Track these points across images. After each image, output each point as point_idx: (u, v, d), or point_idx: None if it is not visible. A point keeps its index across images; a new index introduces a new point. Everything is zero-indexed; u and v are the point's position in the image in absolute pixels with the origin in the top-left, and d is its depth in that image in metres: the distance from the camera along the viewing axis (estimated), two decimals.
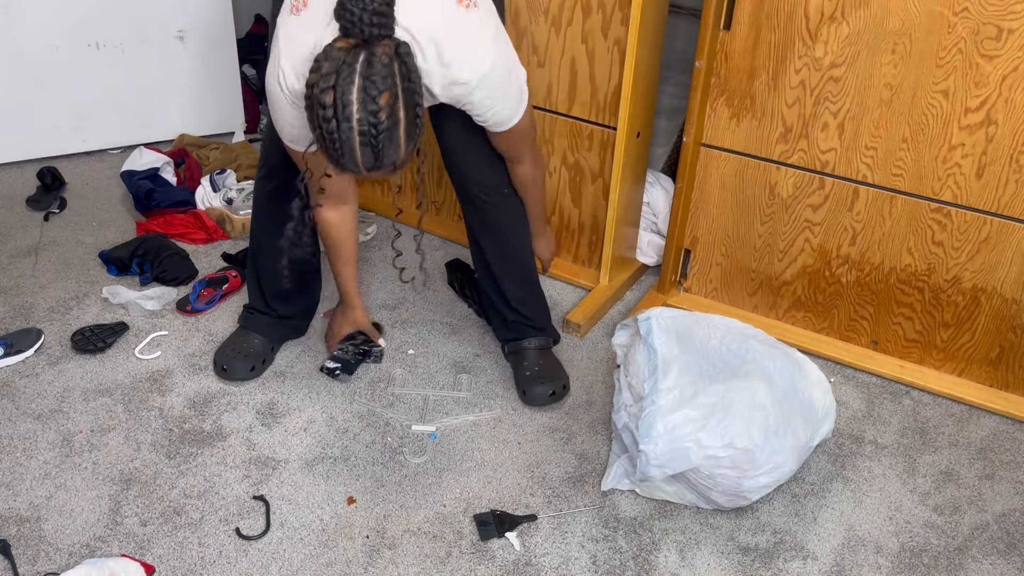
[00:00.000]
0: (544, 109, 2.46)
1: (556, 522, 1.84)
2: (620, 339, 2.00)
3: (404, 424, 2.06)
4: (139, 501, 1.84)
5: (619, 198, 2.39)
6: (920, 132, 2.04)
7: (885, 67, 2.02)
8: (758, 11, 2.09)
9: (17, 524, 1.78)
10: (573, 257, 2.64)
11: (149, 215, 2.76)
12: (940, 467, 2.02)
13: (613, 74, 2.30)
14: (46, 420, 2.03)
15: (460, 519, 1.84)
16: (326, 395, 2.14)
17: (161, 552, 1.74)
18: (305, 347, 2.27)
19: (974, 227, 2.08)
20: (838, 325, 2.35)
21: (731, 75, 2.18)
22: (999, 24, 1.87)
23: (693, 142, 2.28)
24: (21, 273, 2.52)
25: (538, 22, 2.35)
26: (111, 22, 2.99)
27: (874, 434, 2.11)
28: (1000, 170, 2.00)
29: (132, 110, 3.15)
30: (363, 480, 1.92)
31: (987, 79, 1.93)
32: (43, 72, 2.97)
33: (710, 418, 1.74)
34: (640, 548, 1.79)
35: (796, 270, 2.33)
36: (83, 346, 2.22)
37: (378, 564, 1.74)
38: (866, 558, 1.80)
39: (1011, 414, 2.16)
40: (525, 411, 2.12)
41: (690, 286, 2.52)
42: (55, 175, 2.91)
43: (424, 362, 2.26)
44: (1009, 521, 1.90)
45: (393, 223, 2.67)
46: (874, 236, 2.19)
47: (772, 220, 2.30)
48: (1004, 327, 2.15)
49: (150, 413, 2.06)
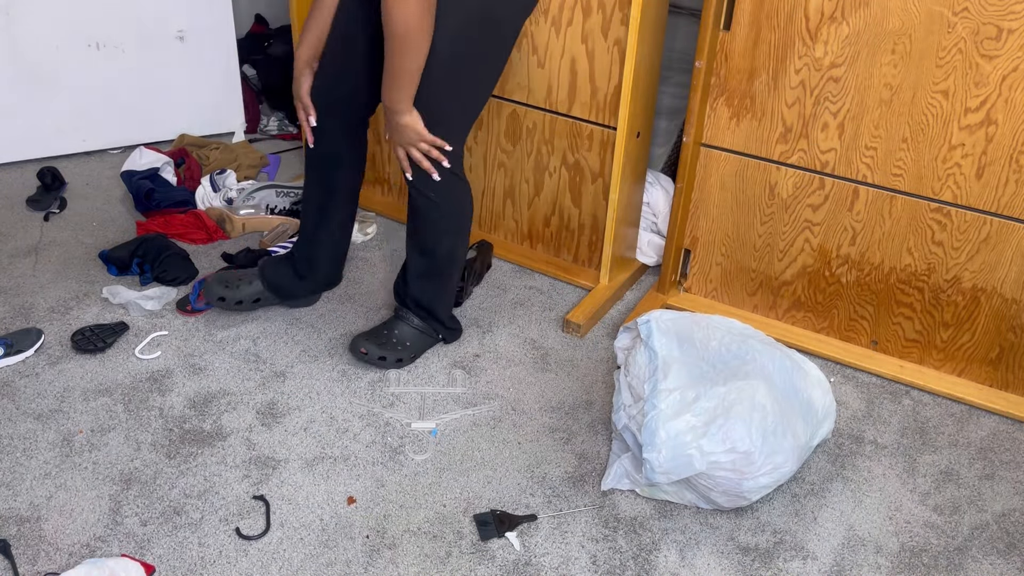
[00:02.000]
0: (544, 109, 2.46)
1: (556, 522, 1.84)
2: (622, 342, 2.00)
3: (404, 423, 2.06)
4: (139, 501, 1.84)
5: (619, 198, 2.39)
6: (920, 132, 2.04)
7: (885, 67, 2.02)
8: (758, 11, 2.09)
9: (17, 524, 1.78)
10: (573, 257, 2.64)
11: (149, 215, 2.76)
12: (940, 467, 2.02)
13: (613, 74, 2.30)
14: (46, 420, 2.03)
15: (460, 519, 1.84)
16: (326, 395, 2.14)
17: (161, 552, 1.74)
18: (305, 347, 2.27)
19: (974, 227, 2.08)
20: (838, 325, 2.35)
21: (731, 75, 2.19)
22: (999, 24, 1.87)
23: (693, 142, 2.28)
24: (21, 273, 2.52)
25: (538, 22, 2.35)
26: (111, 22, 2.99)
27: (874, 434, 2.11)
28: (1000, 170, 2.00)
29: (132, 110, 3.15)
30: (363, 480, 1.92)
31: (987, 79, 1.93)
32: (43, 72, 2.97)
33: (711, 424, 1.74)
34: (640, 548, 1.79)
35: (796, 270, 2.33)
36: (83, 346, 2.22)
37: (378, 564, 1.74)
38: (866, 558, 1.80)
39: (1011, 414, 2.16)
40: (525, 411, 2.12)
41: (690, 286, 2.52)
42: (55, 175, 2.91)
43: (423, 362, 2.26)
44: (1009, 521, 1.90)
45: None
46: (874, 236, 2.20)
47: (772, 220, 2.30)
48: (1004, 327, 2.15)
49: (150, 413, 2.06)
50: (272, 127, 3.41)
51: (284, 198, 2.83)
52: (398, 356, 2.19)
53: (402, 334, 2.21)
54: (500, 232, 2.74)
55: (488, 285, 2.56)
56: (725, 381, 1.81)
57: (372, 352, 2.18)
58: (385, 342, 2.19)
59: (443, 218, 2.10)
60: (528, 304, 2.50)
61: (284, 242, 2.64)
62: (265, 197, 2.82)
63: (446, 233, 2.13)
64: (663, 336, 1.87)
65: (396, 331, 2.21)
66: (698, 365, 1.85)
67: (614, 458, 1.93)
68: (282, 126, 3.41)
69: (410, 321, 2.22)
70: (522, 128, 2.52)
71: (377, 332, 2.21)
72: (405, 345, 2.21)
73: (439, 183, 2.01)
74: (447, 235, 2.13)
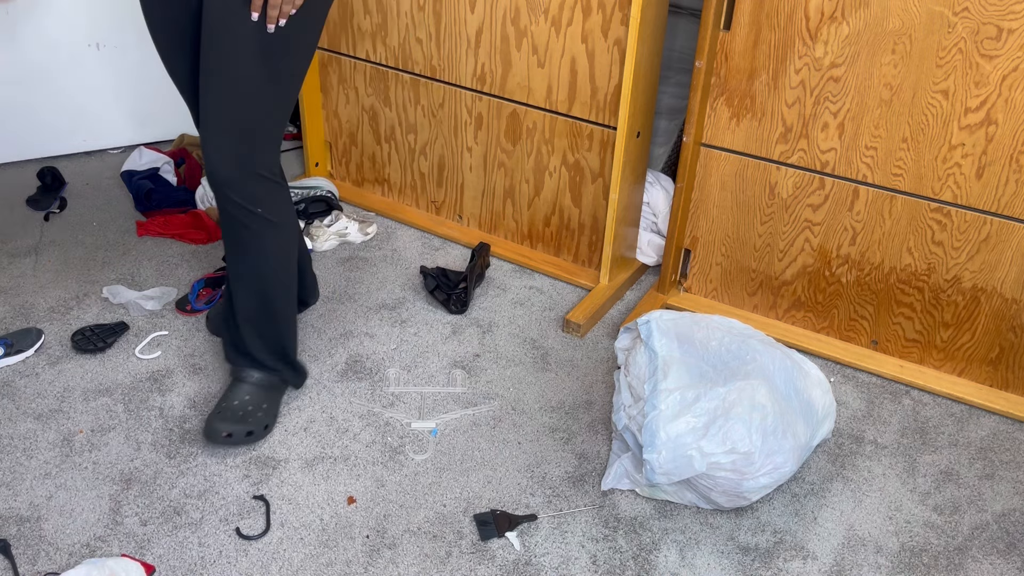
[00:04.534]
0: (544, 109, 2.46)
1: (556, 522, 1.84)
2: (622, 343, 2.00)
3: (404, 423, 2.06)
4: (139, 501, 1.84)
5: (619, 198, 2.39)
6: (920, 132, 2.04)
7: (885, 67, 2.02)
8: (758, 11, 2.09)
9: (17, 524, 1.78)
10: (573, 257, 2.64)
11: (149, 215, 2.76)
12: (940, 467, 2.03)
13: (613, 74, 2.30)
14: (46, 420, 2.03)
15: (460, 519, 1.84)
16: (326, 395, 2.14)
17: (161, 552, 1.74)
18: (305, 347, 2.27)
19: (974, 227, 2.08)
20: (838, 325, 2.35)
21: (731, 75, 2.19)
22: (999, 24, 1.87)
23: (693, 142, 2.28)
24: (21, 273, 2.52)
25: (538, 22, 2.35)
26: (111, 22, 2.99)
27: (874, 434, 2.11)
28: (1000, 170, 2.00)
29: (132, 110, 3.15)
30: (363, 480, 1.92)
31: (987, 79, 1.93)
32: (43, 72, 2.97)
33: (711, 425, 1.74)
34: (640, 548, 1.79)
35: (796, 270, 2.33)
36: (83, 346, 2.22)
37: (378, 564, 1.74)
38: (866, 558, 1.80)
39: (1011, 414, 2.16)
40: (525, 411, 2.12)
41: (690, 286, 2.52)
42: (55, 175, 2.91)
43: (423, 362, 2.26)
44: (1009, 521, 1.90)
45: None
46: (874, 236, 2.20)
47: (772, 220, 2.30)
48: (1004, 327, 2.15)
49: (150, 413, 2.06)
50: None
51: None
52: (263, 424, 1.95)
53: (252, 397, 1.95)
54: (500, 232, 2.74)
55: (488, 285, 2.57)
56: (725, 381, 1.81)
57: (237, 432, 1.91)
58: (242, 416, 1.93)
59: (270, 238, 1.82)
60: (528, 304, 2.50)
61: None
62: None
63: (276, 258, 1.86)
64: (663, 336, 1.87)
65: (244, 396, 1.94)
66: (698, 365, 1.85)
67: (614, 458, 1.93)
68: None
69: (251, 378, 1.95)
70: (522, 128, 2.52)
71: (227, 408, 1.93)
72: (261, 408, 1.95)
73: (264, 192, 1.76)
74: (280, 255, 1.86)
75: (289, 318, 1.97)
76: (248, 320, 1.91)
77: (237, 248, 1.84)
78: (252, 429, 1.93)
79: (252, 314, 1.91)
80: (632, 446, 1.85)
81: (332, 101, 2.88)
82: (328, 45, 2.78)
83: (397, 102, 2.73)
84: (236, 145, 1.71)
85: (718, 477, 1.75)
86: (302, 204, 2.78)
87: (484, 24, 2.43)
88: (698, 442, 1.73)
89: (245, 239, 1.81)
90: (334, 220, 2.73)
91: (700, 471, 1.73)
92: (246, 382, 1.96)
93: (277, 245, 1.86)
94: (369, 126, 2.84)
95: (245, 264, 1.85)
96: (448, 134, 2.67)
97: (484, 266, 2.58)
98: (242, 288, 1.88)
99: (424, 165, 2.78)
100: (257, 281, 1.87)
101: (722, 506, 1.84)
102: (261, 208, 1.76)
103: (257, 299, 1.89)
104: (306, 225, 2.75)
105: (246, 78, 1.64)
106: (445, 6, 2.47)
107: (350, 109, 2.85)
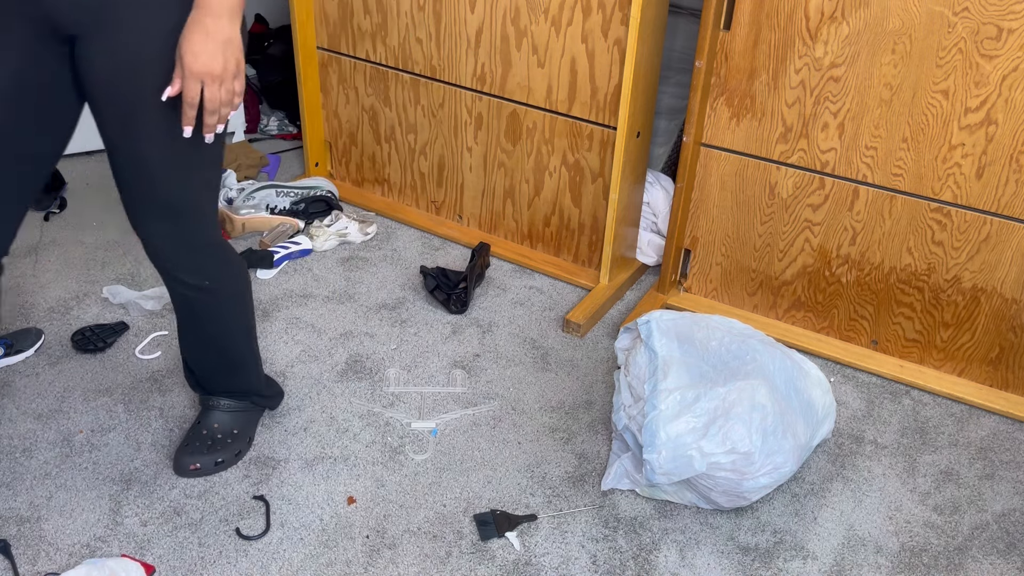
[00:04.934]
0: (544, 109, 2.46)
1: (556, 522, 1.84)
2: (622, 343, 2.00)
3: (404, 423, 2.06)
4: (139, 501, 1.84)
5: (619, 198, 2.39)
6: (920, 132, 2.04)
7: (885, 67, 2.02)
8: (758, 11, 2.09)
9: (17, 524, 1.78)
10: (573, 257, 2.64)
11: None
12: (940, 467, 2.03)
13: (613, 74, 2.30)
14: (46, 420, 2.03)
15: (460, 519, 1.84)
16: (326, 395, 2.14)
17: (161, 552, 1.74)
18: (305, 347, 2.27)
19: (974, 227, 2.08)
20: (838, 325, 2.35)
21: (731, 75, 2.19)
22: (999, 24, 1.87)
23: (693, 142, 2.28)
24: (21, 273, 2.52)
25: (538, 22, 2.35)
26: None
27: (874, 434, 2.11)
28: (1000, 170, 2.00)
29: None
30: (363, 480, 1.92)
31: (987, 79, 1.93)
32: None
33: (711, 425, 1.74)
34: (640, 548, 1.79)
35: (796, 270, 2.33)
36: (83, 346, 2.22)
37: (378, 564, 1.74)
38: (866, 558, 1.80)
39: (1011, 414, 2.16)
40: (525, 411, 2.12)
41: (690, 286, 2.52)
42: (55, 175, 2.91)
43: (424, 362, 2.26)
44: (1009, 521, 1.90)
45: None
46: (874, 236, 2.20)
47: (772, 220, 2.30)
48: (1004, 327, 2.15)
49: (150, 413, 2.06)
50: (272, 127, 3.41)
51: (284, 198, 2.83)
52: (234, 451, 1.91)
53: (222, 424, 1.90)
54: (500, 232, 2.74)
55: (488, 285, 2.57)
56: (725, 381, 1.81)
57: (205, 463, 1.87)
58: (212, 445, 1.88)
59: (225, 302, 1.75)
60: (528, 304, 2.50)
61: (284, 241, 2.64)
62: (265, 197, 2.82)
63: (233, 319, 1.79)
64: (663, 336, 1.87)
65: (214, 424, 1.90)
66: (698, 365, 1.85)
67: (614, 458, 1.93)
68: (282, 126, 3.41)
69: (221, 406, 1.90)
70: (522, 128, 2.52)
71: (196, 436, 1.89)
72: (232, 435, 1.91)
73: (212, 264, 1.67)
74: (235, 320, 1.79)
75: (252, 360, 1.89)
76: (210, 374, 1.88)
77: (191, 319, 1.77)
78: (222, 458, 1.89)
79: (213, 370, 1.87)
80: (632, 446, 1.85)
81: (332, 101, 2.88)
82: (328, 45, 2.78)
83: (397, 102, 2.73)
84: (177, 228, 1.59)
85: (718, 477, 1.75)
86: (302, 204, 2.78)
87: (484, 24, 2.43)
88: (698, 442, 1.73)
89: (198, 310, 1.74)
90: (334, 220, 2.73)
91: (700, 471, 1.73)
92: (216, 409, 1.91)
93: (231, 302, 1.77)
94: (369, 126, 2.84)
95: (201, 331, 1.79)
96: (448, 134, 2.67)
97: (484, 266, 2.58)
98: (198, 351, 1.84)
99: (424, 165, 2.78)
100: (215, 341, 1.81)
101: (722, 506, 1.84)
102: (209, 281, 1.68)
103: (217, 358, 1.85)
104: (306, 225, 2.75)
105: (176, 160, 1.50)
106: (445, 6, 2.47)
107: (350, 109, 2.85)
